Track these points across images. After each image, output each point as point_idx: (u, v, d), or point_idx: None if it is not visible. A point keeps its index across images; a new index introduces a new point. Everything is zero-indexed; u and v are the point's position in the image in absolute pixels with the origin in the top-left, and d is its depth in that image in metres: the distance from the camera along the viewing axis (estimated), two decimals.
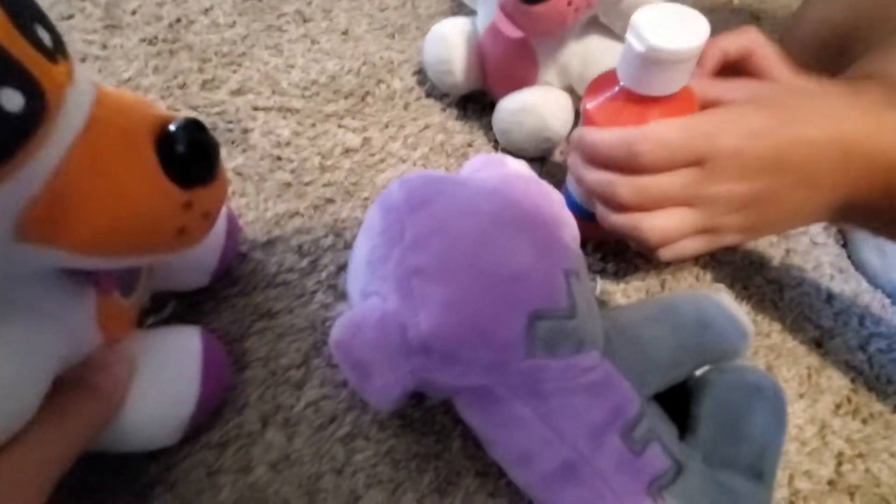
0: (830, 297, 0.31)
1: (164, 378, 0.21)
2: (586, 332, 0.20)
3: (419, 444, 0.24)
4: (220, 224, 0.26)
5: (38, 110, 0.12)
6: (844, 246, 0.36)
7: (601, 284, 0.31)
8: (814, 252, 0.34)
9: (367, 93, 0.38)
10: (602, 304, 0.30)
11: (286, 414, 0.24)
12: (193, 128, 0.16)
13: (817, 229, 0.36)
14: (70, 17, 0.40)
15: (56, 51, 0.13)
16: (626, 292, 0.30)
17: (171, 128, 0.15)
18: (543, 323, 0.19)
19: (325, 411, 0.24)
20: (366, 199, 0.32)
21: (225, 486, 0.22)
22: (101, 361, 0.19)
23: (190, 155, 0.15)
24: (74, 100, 0.13)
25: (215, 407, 0.23)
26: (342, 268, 0.29)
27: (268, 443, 0.23)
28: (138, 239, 0.15)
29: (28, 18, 0.12)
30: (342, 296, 0.28)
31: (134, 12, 0.41)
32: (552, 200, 0.23)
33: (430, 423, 0.25)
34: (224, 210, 0.27)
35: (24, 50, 0.12)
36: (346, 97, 0.37)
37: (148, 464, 0.22)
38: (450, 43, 0.33)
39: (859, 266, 0.34)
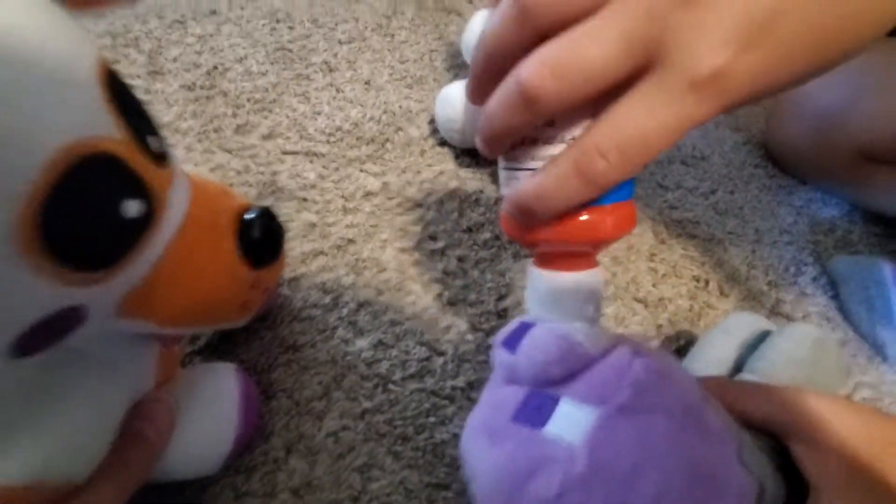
0: None
1: (205, 419, 0.22)
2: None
3: (431, 475, 0.26)
4: None
5: (151, 213, 0.14)
6: (834, 297, 0.38)
7: (602, 327, 0.33)
8: (803, 302, 0.36)
9: (387, 139, 0.41)
10: None
11: (308, 443, 0.26)
12: (267, 217, 0.18)
13: (806, 280, 0.38)
14: (115, 62, 0.44)
15: (163, 156, 0.15)
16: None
17: (248, 216, 0.18)
18: None
19: (344, 441, 0.26)
20: (384, 240, 0.35)
21: None
22: (147, 411, 0.20)
23: (263, 241, 0.18)
24: (175, 198, 0.15)
25: (250, 440, 0.25)
26: (362, 305, 0.32)
27: (291, 469, 0.25)
28: (212, 315, 0.17)
29: (145, 131, 0.14)
30: (360, 332, 0.30)
31: (175, 59, 0.45)
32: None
33: (440, 455, 0.26)
34: None
35: (142, 162, 0.13)
36: (367, 143, 0.40)
37: (183, 486, 0.24)
38: (456, 106, 0.37)
39: (848, 316, 0.36)
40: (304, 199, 0.36)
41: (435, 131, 0.42)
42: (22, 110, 0.11)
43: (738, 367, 0.28)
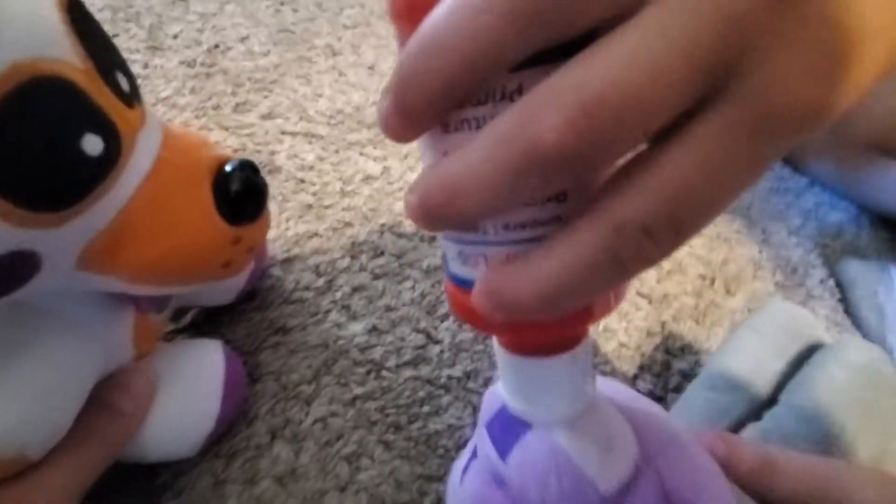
0: None
1: (187, 394, 0.21)
2: None
3: (423, 465, 0.24)
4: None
5: (115, 154, 0.13)
6: (842, 301, 0.37)
7: (603, 322, 0.32)
8: (809, 304, 0.35)
9: None
10: (605, 339, 0.31)
11: (294, 429, 0.25)
12: (248, 169, 0.17)
13: (814, 282, 0.37)
14: (115, 36, 0.43)
15: (133, 96, 0.14)
16: (627, 331, 0.31)
17: (227, 168, 0.16)
18: None
19: (333, 428, 0.25)
20: (382, 224, 0.34)
21: (230, 497, 0.23)
22: (125, 382, 0.19)
23: (242, 194, 0.16)
24: (145, 142, 0.14)
25: (232, 421, 0.24)
26: (357, 289, 0.30)
27: (275, 456, 0.24)
28: (188, 271, 0.16)
29: (111, 65, 0.13)
30: (354, 316, 0.29)
31: (175, 36, 0.43)
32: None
33: (433, 446, 0.25)
34: None
35: (106, 97, 0.13)
36: (368, 127, 0.39)
37: (157, 470, 0.23)
38: None
39: (856, 321, 0.35)
40: (302, 181, 0.35)
41: None
42: None
43: (778, 390, 0.24)
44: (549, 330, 0.12)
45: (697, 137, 0.09)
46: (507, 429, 0.15)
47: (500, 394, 0.16)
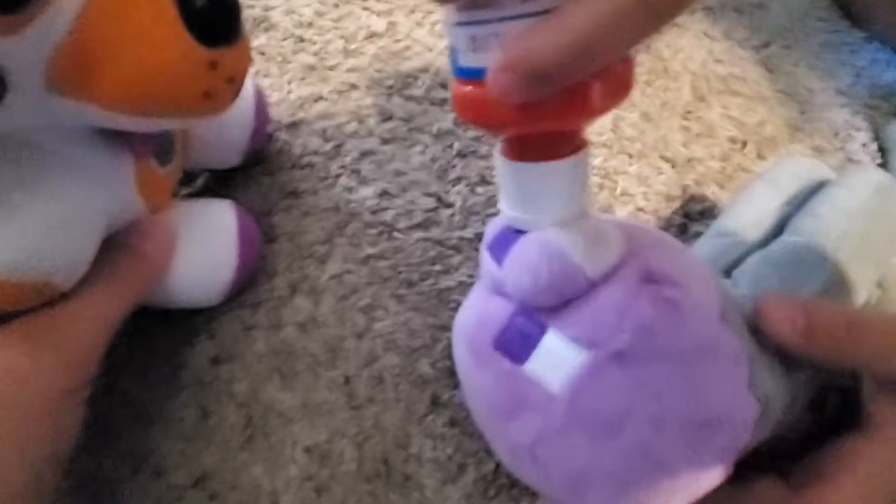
0: None
1: (205, 245, 0.22)
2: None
3: (435, 317, 0.26)
4: (249, 103, 0.26)
5: None
6: (882, 166, 0.34)
7: (621, 186, 0.30)
8: (848, 169, 0.33)
9: None
10: (622, 204, 0.30)
11: (312, 283, 0.26)
12: None
13: (856, 146, 0.34)
14: None
15: None
16: (646, 196, 0.30)
17: None
18: None
19: (348, 283, 0.26)
20: (390, 86, 0.32)
21: (258, 339, 0.24)
22: (146, 229, 0.20)
23: (211, 10, 0.15)
24: None
25: (252, 273, 0.25)
26: (365, 154, 0.29)
27: (296, 307, 0.25)
28: (164, 96, 0.15)
29: None
30: (364, 180, 0.29)
31: None
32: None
33: (445, 300, 0.26)
34: (252, 89, 0.27)
35: None
36: None
37: (191, 316, 0.24)
38: None
39: None
40: (301, 39, 0.32)
41: None
42: None
43: (781, 227, 0.24)
44: (557, 116, 0.12)
45: None
46: (505, 239, 0.15)
47: (499, 220, 0.16)
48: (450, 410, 0.24)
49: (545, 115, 0.12)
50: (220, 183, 0.28)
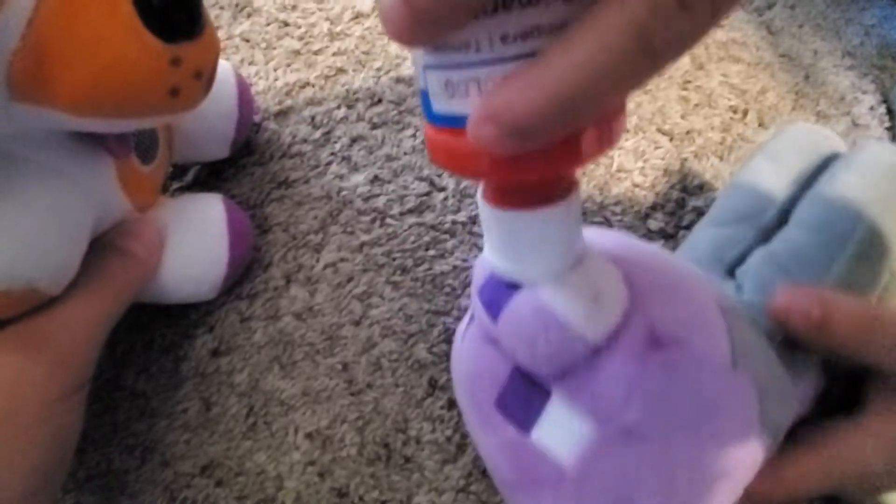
0: None
1: (195, 240, 0.22)
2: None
3: (430, 302, 0.26)
4: (232, 94, 0.26)
5: None
6: (890, 129, 0.33)
7: (617, 162, 0.30)
8: (853, 133, 0.32)
9: None
10: (617, 181, 0.29)
11: (307, 273, 0.26)
12: None
13: (862, 109, 0.33)
14: None
15: None
16: (643, 171, 0.30)
17: None
18: None
19: (343, 272, 0.26)
20: (378, 69, 0.31)
21: (257, 330, 0.25)
22: (133, 229, 0.20)
23: (168, 4, 0.14)
24: None
25: (245, 265, 0.25)
26: (355, 140, 0.29)
27: (292, 296, 0.26)
28: (127, 97, 0.15)
29: None
30: (355, 167, 0.29)
31: None
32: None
33: (440, 285, 0.26)
34: (233, 78, 0.26)
35: None
36: None
37: (189, 310, 0.25)
38: None
39: None
40: (285, 23, 0.32)
41: None
42: None
43: (785, 212, 0.22)
44: (543, 166, 0.11)
45: None
46: (497, 293, 0.14)
47: (487, 262, 0.15)
48: (447, 393, 0.24)
49: (531, 165, 0.11)
50: (210, 176, 0.28)
